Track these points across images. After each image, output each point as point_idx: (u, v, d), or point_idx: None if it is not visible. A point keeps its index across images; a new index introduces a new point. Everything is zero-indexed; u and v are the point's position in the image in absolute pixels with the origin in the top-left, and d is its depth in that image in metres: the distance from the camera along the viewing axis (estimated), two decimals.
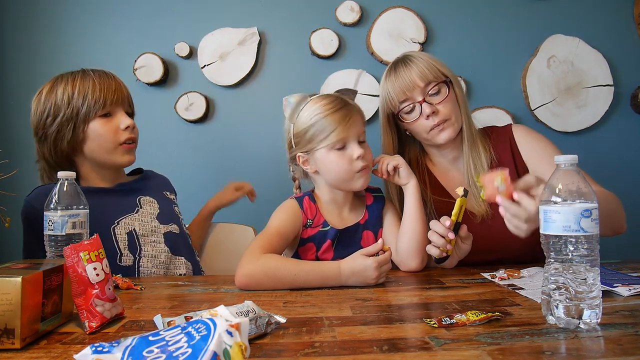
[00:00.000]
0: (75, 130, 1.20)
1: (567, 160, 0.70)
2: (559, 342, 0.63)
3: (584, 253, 0.68)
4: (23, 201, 1.20)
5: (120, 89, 1.26)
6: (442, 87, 1.22)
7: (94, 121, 1.21)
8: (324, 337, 0.67)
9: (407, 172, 1.18)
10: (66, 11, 1.94)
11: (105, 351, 0.50)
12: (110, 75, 1.27)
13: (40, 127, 1.22)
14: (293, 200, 1.20)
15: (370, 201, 1.25)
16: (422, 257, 1.14)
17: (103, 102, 1.20)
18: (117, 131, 1.23)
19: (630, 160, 1.96)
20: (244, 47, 1.94)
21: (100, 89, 1.21)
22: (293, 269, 1.01)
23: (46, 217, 0.94)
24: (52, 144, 1.21)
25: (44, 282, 0.69)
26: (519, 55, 1.96)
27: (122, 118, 1.24)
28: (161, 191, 1.38)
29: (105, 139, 1.22)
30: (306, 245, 1.18)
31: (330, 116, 1.11)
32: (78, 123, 1.20)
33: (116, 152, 1.24)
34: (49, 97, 1.21)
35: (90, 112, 1.20)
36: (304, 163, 1.19)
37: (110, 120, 1.23)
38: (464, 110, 1.27)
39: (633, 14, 1.96)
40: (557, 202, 0.69)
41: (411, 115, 1.24)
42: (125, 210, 1.25)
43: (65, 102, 1.19)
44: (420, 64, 1.22)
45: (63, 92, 1.20)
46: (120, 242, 1.20)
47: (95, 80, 1.22)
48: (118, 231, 1.21)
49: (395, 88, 1.23)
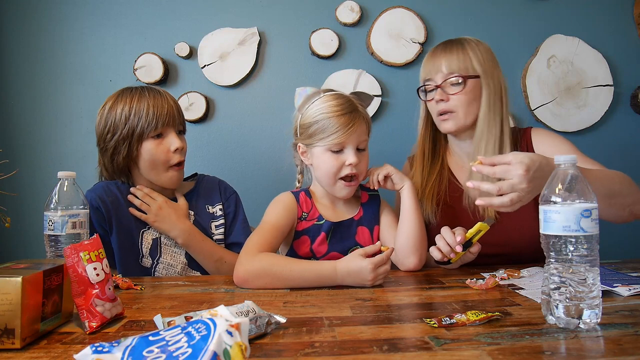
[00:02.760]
0: (130, 148, 1.26)
1: (567, 160, 0.70)
2: (559, 342, 0.63)
3: (584, 253, 0.68)
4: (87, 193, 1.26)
5: (172, 110, 1.30)
6: (462, 81, 1.22)
7: (147, 141, 1.26)
8: (324, 337, 0.67)
9: (399, 177, 1.19)
10: (66, 11, 1.94)
11: (105, 351, 0.50)
12: (165, 96, 1.31)
13: (102, 140, 1.28)
14: (289, 194, 1.22)
15: (366, 199, 1.26)
16: (419, 256, 1.15)
17: (155, 124, 1.25)
18: (168, 153, 1.28)
19: (631, 160, 1.96)
20: (244, 47, 1.94)
21: (154, 111, 1.25)
22: (289, 267, 1.01)
23: (46, 217, 0.94)
24: (110, 157, 1.28)
25: (44, 282, 0.69)
26: (519, 55, 1.96)
27: (173, 139, 1.29)
28: (204, 205, 1.39)
29: (156, 159, 1.27)
30: (301, 238, 1.19)
31: (334, 118, 1.12)
32: (133, 142, 1.25)
33: (166, 174, 1.30)
34: (110, 114, 1.26)
35: (144, 133, 1.25)
36: (303, 154, 1.22)
37: (162, 141, 1.28)
38: (490, 109, 1.23)
39: (633, 14, 1.96)
40: (557, 202, 0.69)
41: (426, 95, 1.30)
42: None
43: (122, 121, 1.25)
44: (460, 52, 1.23)
45: (122, 111, 1.25)
46: (144, 245, 1.28)
47: (150, 102, 1.27)
48: (146, 235, 1.29)
49: (427, 65, 1.28)
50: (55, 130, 1.93)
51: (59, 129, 1.93)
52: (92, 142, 1.32)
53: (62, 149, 1.93)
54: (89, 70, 1.95)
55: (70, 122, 1.93)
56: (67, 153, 1.93)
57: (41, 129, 1.94)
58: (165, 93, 1.32)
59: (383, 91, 1.94)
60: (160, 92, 1.31)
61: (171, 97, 1.32)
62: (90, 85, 1.93)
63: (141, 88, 1.30)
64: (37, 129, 1.94)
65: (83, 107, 1.93)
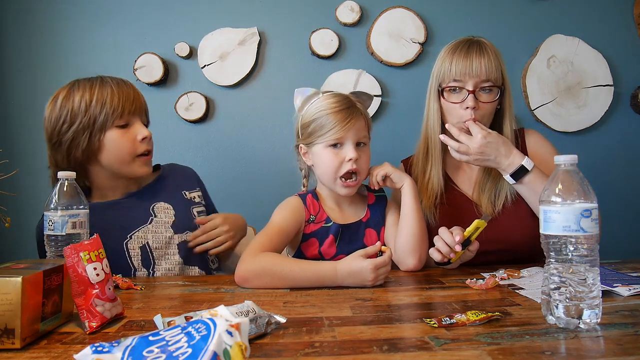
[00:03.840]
0: (91, 139, 1.16)
1: (567, 160, 0.70)
2: (559, 342, 0.63)
3: (584, 253, 0.68)
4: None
5: (139, 98, 1.23)
6: (495, 90, 1.22)
7: (111, 131, 1.17)
8: (324, 337, 0.67)
9: (399, 176, 1.19)
10: (66, 11, 1.94)
11: (105, 351, 0.50)
12: (129, 84, 1.23)
13: (55, 134, 1.18)
14: (296, 197, 1.22)
15: (372, 200, 1.25)
16: (419, 256, 1.15)
17: (121, 111, 1.17)
18: (134, 142, 1.20)
19: (630, 160, 1.96)
20: (244, 47, 1.94)
21: (119, 98, 1.17)
22: (289, 267, 1.01)
23: (46, 217, 0.94)
24: (65, 151, 1.18)
25: (44, 282, 0.69)
26: (519, 55, 1.95)
27: (140, 129, 1.22)
28: (180, 191, 1.33)
29: (121, 149, 1.19)
30: (309, 240, 1.19)
31: (332, 114, 1.12)
32: (94, 132, 1.16)
33: (133, 163, 1.21)
34: (65, 103, 1.17)
35: (108, 121, 1.16)
36: (305, 155, 1.22)
37: (127, 130, 1.20)
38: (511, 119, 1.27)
39: (633, 14, 1.96)
40: (557, 202, 0.69)
41: (453, 97, 1.23)
42: (138, 222, 1.23)
43: (82, 110, 1.15)
44: (492, 59, 1.21)
45: (80, 99, 1.16)
46: (133, 258, 1.20)
47: (114, 88, 1.18)
48: (131, 246, 1.20)
49: (459, 65, 1.20)
50: None
51: None
52: None
53: None
54: (89, 70, 1.94)
55: None
56: None
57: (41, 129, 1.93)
58: (130, 82, 1.24)
59: (383, 91, 1.94)
60: (125, 81, 1.23)
61: (137, 88, 1.25)
62: None
63: (100, 77, 1.22)
64: (37, 129, 1.93)
65: None
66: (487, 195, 1.26)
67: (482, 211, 1.25)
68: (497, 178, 1.25)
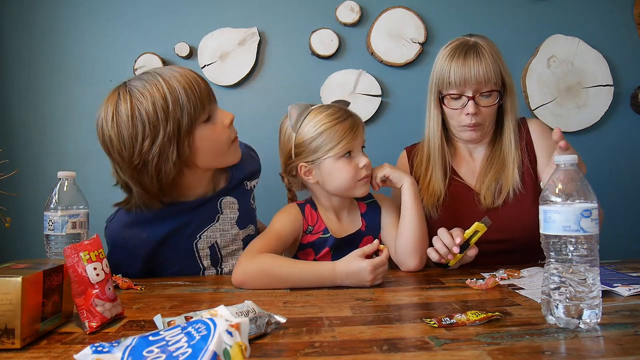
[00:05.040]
0: (180, 147, 1.01)
1: (567, 160, 0.70)
2: (558, 342, 0.63)
3: (584, 253, 0.68)
4: (106, 224, 1.13)
5: (205, 81, 1.07)
6: (494, 94, 1.23)
7: (199, 129, 1.03)
8: (324, 337, 0.67)
9: (398, 176, 1.19)
10: (66, 11, 1.94)
11: (105, 351, 0.50)
12: (187, 70, 1.06)
13: (137, 155, 0.99)
14: (295, 206, 1.21)
15: (364, 209, 1.25)
16: (420, 257, 1.14)
17: (202, 105, 1.02)
18: (225, 130, 1.08)
19: (630, 160, 1.96)
20: (244, 47, 1.94)
21: (192, 90, 1.01)
22: (287, 267, 1.01)
23: (46, 217, 0.94)
24: (154, 170, 1.00)
25: (44, 282, 0.69)
26: (519, 55, 1.95)
27: (223, 114, 1.09)
28: (243, 181, 1.24)
29: (217, 142, 1.07)
30: (305, 250, 1.19)
31: (338, 126, 1.12)
32: (182, 138, 1.00)
33: (229, 151, 1.11)
34: (134, 117, 0.98)
35: (193, 120, 1.01)
36: (306, 174, 1.17)
37: (213, 122, 1.07)
38: (514, 120, 1.29)
39: (633, 14, 1.96)
40: (557, 202, 0.69)
41: (453, 103, 1.24)
42: (206, 221, 1.18)
43: (162, 118, 0.98)
44: (490, 63, 1.19)
45: (154, 107, 0.98)
46: (202, 258, 1.18)
47: (182, 81, 1.01)
48: (200, 246, 1.17)
49: (457, 74, 1.20)
50: (55, 130, 1.93)
51: (59, 129, 1.93)
52: (92, 142, 1.30)
53: (62, 149, 1.93)
54: (89, 70, 1.95)
55: (70, 122, 1.93)
56: (67, 153, 1.93)
57: (41, 129, 1.94)
58: (184, 68, 1.07)
59: (383, 91, 1.94)
60: (181, 68, 1.06)
61: (191, 70, 1.08)
62: (90, 85, 1.93)
63: (153, 72, 1.05)
64: (37, 129, 1.94)
65: (83, 107, 1.92)
66: (487, 185, 1.27)
67: (483, 201, 1.25)
68: (500, 169, 1.26)
